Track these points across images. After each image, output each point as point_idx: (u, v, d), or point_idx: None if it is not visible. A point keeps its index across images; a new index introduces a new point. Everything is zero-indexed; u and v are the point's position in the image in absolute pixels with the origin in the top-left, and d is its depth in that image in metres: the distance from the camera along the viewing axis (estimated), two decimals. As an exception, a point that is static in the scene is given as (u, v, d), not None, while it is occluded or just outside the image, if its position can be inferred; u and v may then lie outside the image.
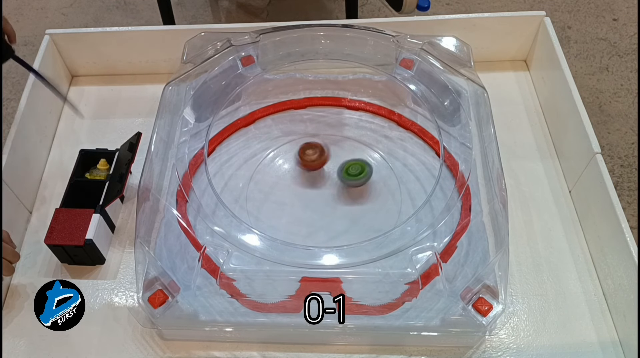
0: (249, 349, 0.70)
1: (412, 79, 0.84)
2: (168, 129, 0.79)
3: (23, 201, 0.81)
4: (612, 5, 1.82)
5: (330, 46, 0.86)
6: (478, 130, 0.79)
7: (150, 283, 0.67)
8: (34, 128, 0.86)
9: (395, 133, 0.88)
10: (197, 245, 0.70)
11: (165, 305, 0.66)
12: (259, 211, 0.80)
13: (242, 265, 0.69)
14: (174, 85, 0.83)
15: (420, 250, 0.68)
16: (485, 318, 0.64)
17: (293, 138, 0.88)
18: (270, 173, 0.84)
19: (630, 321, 0.68)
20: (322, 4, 1.82)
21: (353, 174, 0.79)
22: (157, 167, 0.75)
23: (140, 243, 0.68)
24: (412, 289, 0.68)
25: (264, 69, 0.85)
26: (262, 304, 0.68)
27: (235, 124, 0.88)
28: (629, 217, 1.33)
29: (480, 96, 0.82)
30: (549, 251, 0.78)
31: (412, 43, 0.85)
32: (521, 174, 0.85)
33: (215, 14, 1.85)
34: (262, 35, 0.85)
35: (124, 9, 1.86)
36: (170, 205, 0.74)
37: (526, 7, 1.82)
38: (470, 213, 0.74)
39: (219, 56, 0.84)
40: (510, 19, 0.96)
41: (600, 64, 1.65)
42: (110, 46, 0.97)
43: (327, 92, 0.92)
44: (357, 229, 0.78)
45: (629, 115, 1.52)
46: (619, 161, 1.43)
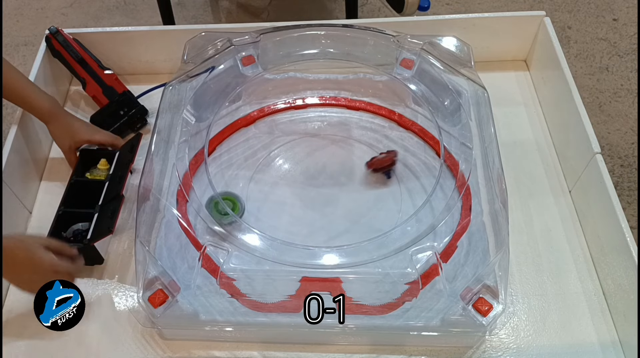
0: (249, 349, 0.70)
1: (412, 79, 0.84)
2: (168, 129, 0.79)
3: (23, 201, 0.81)
4: (612, 5, 1.82)
5: (331, 45, 0.86)
6: (478, 130, 0.79)
7: (151, 282, 0.67)
8: (34, 128, 0.86)
9: (395, 133, 0.88)
10: (197, 244, 0.70)
11: (165, 305, 0.66)
12: (259, 211, 0.80)
13: (242, 264, 0.69)
14: (175, 85, 0.82)
15: (420, 250, 0.68)
16: (485, 318, 0.64)
17: (293, 137, 0.88)
18: (271, 173, 0.84)
19: (630, 321, 0.67)
20: (322, 4, 1.81)
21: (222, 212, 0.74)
22: (158, 167, 0.75)
23: (141, 243, 0.68)
24: (412, 289, 0.68)
25: (265, 68, 0.85)
26: (262, 304, 0.68)
27: (235, 124, 0.88)
28: (629, 217, 1.33)
29: (481, 96, 0.82)
30: (549, 251, 0.77)
31: (413, 43, 0.85)
32: (521, 174, 0.85)
33: (215, 14, 1.85)
34: (263, 35, 0.85)
35: (124, 9, 1.86)
36: (170, 205, 0.74)
37: (526, 7, 1.82)
38: (471, 213, 0.74)
39: (219, 55, 0.84)
40: (510, 19, 0.96)
41: (600, 64, 1.65)
42: (110, 46, 0.97)
43: (327, 92, 0.92)
44: (357, 229, 0.78)
45: (629, 115, 1.52)
46: (619, 161, 1.43)
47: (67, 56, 0.92)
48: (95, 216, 0.76)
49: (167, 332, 0.70)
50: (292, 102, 0.91)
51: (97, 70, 0.92)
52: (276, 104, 0.91)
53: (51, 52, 0.92)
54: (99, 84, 0.92)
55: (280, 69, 0.90)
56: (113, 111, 0.89)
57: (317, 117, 0.91)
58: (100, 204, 0.77)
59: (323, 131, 0.89)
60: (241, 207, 0.77)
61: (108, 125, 0.88)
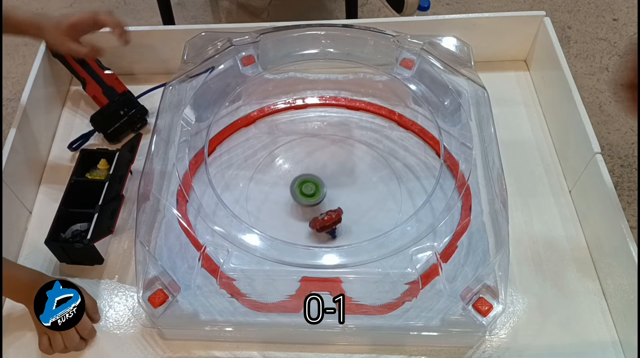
0: (249, 349, 0.70)
1: (412, 79, 0.84)
2: (168, 129, 0.79)
3: (23, 201, 0.81)
4: (612, 5, 1.82)
5: (331, 45, 0.86)
6: (478, 130, 0.79)
7: (151, 282, 0.67)
8: (34, 128, 0.86)
9: (395, 133, 0.88)
10: (197, 244, 0.70)
11: (165, 305, 0.66)
12: (259, 210, 0.80)
13: (242, 264, 0.69)
14: (175, 85, 0.83)
15: (420, 250, 0.68)
16: (485, 318, 0.64)
17: (293, 137, 0.88)
18: (271, 173, 0.84)
19: (630, 321, 0.68)
20: (322, 4, 1.82)
21: (307, 194, 0.78)
22: (158, 167, 0.75)
23: (141, 243, 0.68)
24: (412, 289, 0.68)
25: (265, 68, 0.85)
26: (262, 304, 0.68)
27: (235, 124, 0.88)
28: (629, 217, 1.33)
29: (481, 96, 0.82)
30: (549, 251, 0.77)
31: (413, 43, 0.85)
32: (521, 174, 0.85)
33: (215, 14, 1.85)
34: (263, 35, 0.85)
35: (124, 9, 1.86)
36: (170, 205, 0.74)
37: (526, 7, 1.82)
38: (471, 213, 0.74)
39: (219, 55, 0.84)
40: (510, 19, 0.96)
41: (600, 64, 1.65)
42: (110, 46, 0.97)
43: (327, 92, 0.92)
44: (357, 229, 0.78)
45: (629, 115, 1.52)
46: (619, 161, 1.43)
47: (67, 56, 0.92)
48: (95, 216, 0.76)
49: (167, 332, 0.70)
50: (292, 102, 0.91)
51: (97, 70, 0.92)
52: (276, 104, 0.91)
53: (51, 52, 0.92)
54: (98, 84, 0.92)
55: (280, 69, 0.90)
56: (113, 111, 0.89)
57: (317, 117, 0.91)
58: (100, 205, 0.77)
59: (323, 131, 0.89)
60: (322, 192, 0.78)
61: (108, 125, 0.88)
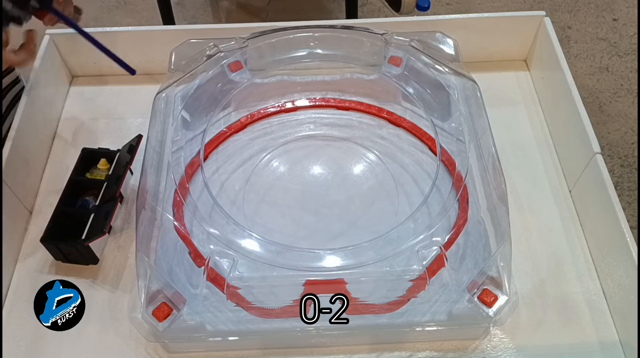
0: (256, 356, 0.69)
1: (401, 76, 0.84)
2: (161, 138, 0.79)
3: (23, 201, 0.81)
4: (612, 5, 1.82)
5: (318, 47, 0.86)
6: (471, 123, 0.79)
7: (154, 295, 0.65)
8: (34, 128, 0.86)
9: (387, 131, 0.88)
10: (200, 256, 0.70)
11: (170, 318, 0.64)
12: (255, 214, 0.79)
13: (246, 272, 0.69)
14: (164, 94, 0.82)
15: (424, 246, 0.68)
16: (491, 308, 0.65)
17: (287, 140, 0.88)
18: (266, 176, 0.84)
19: (630, 321, 0.67)
20: (322, 4, 1.82)
21: None
22: (152, 177, 0.74)
23: (142, 256, 0.66)
24: (418, 285, 0.68)
25: (253, 73, 0.85)
26: (269, 310, 0.67)
27: (227, 130, 0.88)
28: (629, 217, 1.33)
29: (470, 88, 0.82)
30: (549, 251, 0.77)
31: (400, 40, 0.85)
32: (521, 174, 0.85)
33: (215, 14, 1.85)
34: (250, 40, 0.85)
35: (124, 9, 1.86)
36: (168, 214, 0.73)
37: (526, 7, 1.82)
38: (468, 207, 0.74)
39: (206, 63, 0.84)
40: (510, 19, 0.95)
41: (600, 64, 1.65)
42: (110, 46, 0.96)
43: (317, 93, 0.92)
44: (355, 230, 0.78)
45: (629, 115, 1.52)
46: (619, 161, 1.43)
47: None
48: (91, 216, 0.76)
49: (172, 345, 0.69)
50: (282, 106, 0.91)
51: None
52: (267, 109, 0.90)
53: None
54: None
55: (269, 73, 0.90)
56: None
57: (309, 119, 0.90)
58: (97, 205, 0.77)
59: (316, 133, 0.89)
60: None
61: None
